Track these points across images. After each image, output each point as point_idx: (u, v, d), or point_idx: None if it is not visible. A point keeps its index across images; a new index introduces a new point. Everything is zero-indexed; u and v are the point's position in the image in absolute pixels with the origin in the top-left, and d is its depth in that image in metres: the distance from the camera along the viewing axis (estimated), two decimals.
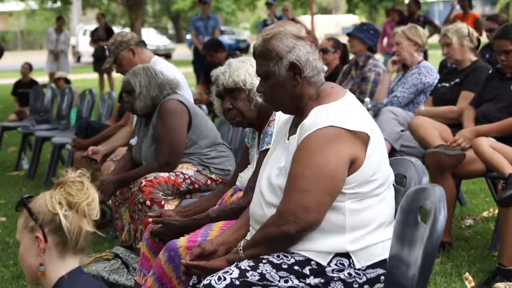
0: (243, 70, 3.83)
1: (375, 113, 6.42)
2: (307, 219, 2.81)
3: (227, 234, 3.22)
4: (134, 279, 3.98)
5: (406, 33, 6.43)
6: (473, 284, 4.62)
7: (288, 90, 2.97)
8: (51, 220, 2.29)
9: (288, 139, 3.03)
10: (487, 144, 4.88)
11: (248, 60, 3.89)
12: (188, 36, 20.07)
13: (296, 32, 2.97)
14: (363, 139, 2.86)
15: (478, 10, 41.99)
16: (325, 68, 7.66)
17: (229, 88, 3.85)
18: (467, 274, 4.73)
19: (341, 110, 2.88)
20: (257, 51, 3.01)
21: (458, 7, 13.51)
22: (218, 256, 3.11)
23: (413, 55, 6.44)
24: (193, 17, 15.23)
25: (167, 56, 36.38)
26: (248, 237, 3.10)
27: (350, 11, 41.27)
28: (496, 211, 5.64)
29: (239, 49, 40.41)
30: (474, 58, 5.92)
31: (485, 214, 6.27)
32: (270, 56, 2.95)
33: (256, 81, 3.73)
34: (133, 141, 5.19)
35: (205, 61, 10.31)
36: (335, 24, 51.92)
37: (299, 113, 3.01)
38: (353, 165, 2.85)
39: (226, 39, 40.76)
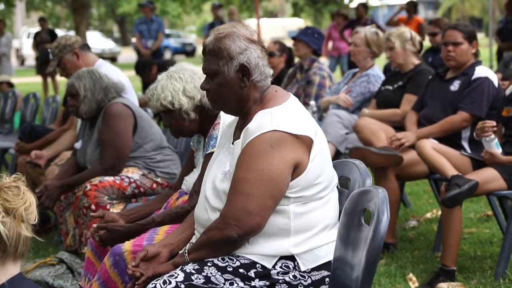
0: (168, 90, 3.80)
1: (320, 117, 6.46)
2: (249, 223, 2.81)
3: (171, 237, 3.22)
4: (79, 284, 3.93)
5: (368, 38, 6.40)
6: (416, 284, 4.68)
7: (234, 91, 2.97)
8: None
9: (233, 143, 3.03)
10: (430, 146, 4.94)
11: (176, 73, 3.85)
12: (134, 40, 19.93)
13: (249, 35, 2.97)
14: (307, 143, 2.87)
15: (421, 14, 42.55)
16: (271, 72, 7.71)
17: (160, 111, 3.87)
18: (411, 274, 4.79)
19: (284, 114, 2.89)
20: (208, 48, 2.98)
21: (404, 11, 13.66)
22: (161, 258, 3.10)
23: (366, 59, 6.47)
24: (136, 20, 15.12)
25: (112, 59, 36.14)
26: (193, 240, 3.09)
27: (295, 14, 41.47)
28: (439, 212, 5.72)
29: (185, 52, 40.34)
30: (417, 61, 5.99)
31: (428, 215, 6.36)
32: (221, 55, 2.94)
33: (184, 98, 3.76)
34: (78, 145, 5.15)
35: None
36: (281, 28, 52.03)
37: (242, 116, 3.01)
38: (297, 169, 2.86)
39: (172, 43, 40.67)
